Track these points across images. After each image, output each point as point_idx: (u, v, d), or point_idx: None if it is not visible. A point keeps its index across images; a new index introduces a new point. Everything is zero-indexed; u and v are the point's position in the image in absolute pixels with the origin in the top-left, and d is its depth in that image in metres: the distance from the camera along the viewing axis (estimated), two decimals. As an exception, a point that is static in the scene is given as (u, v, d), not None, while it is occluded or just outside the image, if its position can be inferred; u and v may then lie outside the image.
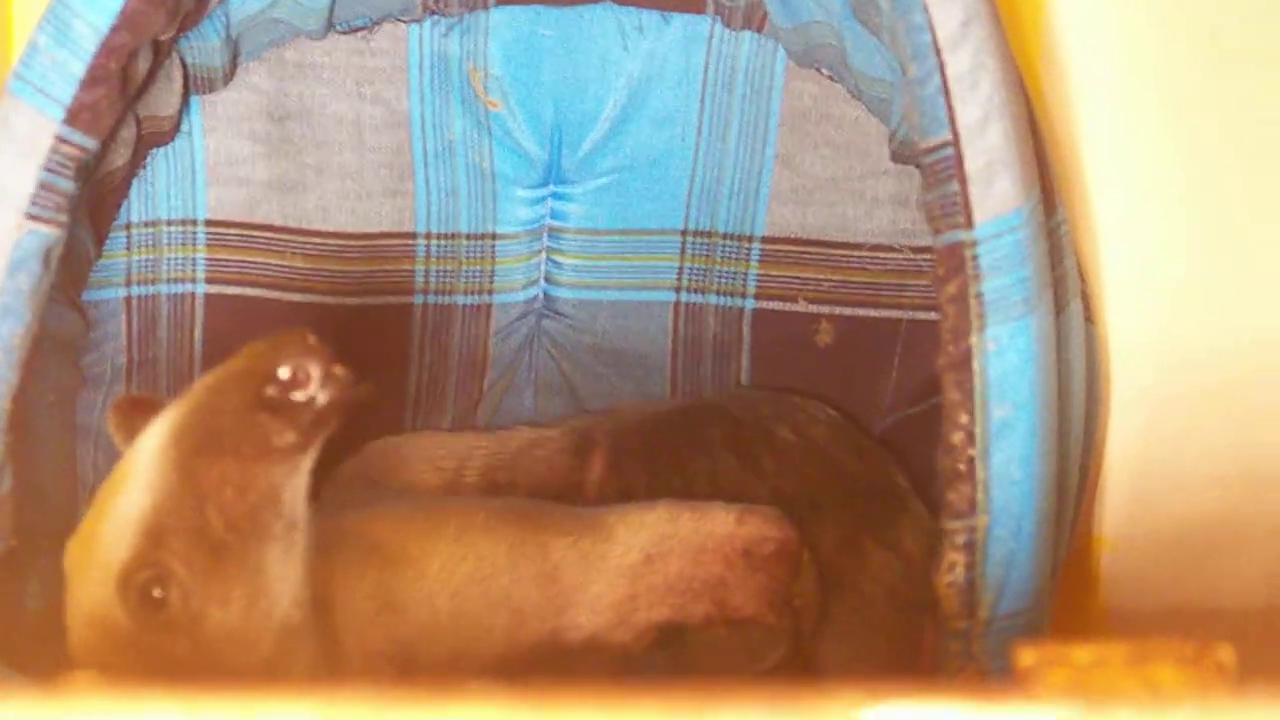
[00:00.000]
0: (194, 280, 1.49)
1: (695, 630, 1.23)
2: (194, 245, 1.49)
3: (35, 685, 1.18)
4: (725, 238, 1.53)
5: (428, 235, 1.53)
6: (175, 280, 1.49)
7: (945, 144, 1.19)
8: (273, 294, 1.50)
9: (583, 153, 1.51)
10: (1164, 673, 0.74)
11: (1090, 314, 1.41)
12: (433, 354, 1.56)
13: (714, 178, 1.51)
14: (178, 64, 1.39)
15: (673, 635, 1.24)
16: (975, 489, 1.18)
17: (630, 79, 1.49)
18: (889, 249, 1.51)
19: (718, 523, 1.24)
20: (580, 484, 1.40)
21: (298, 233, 1.50)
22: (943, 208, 1.20)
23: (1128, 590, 1.53)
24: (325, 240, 1.51)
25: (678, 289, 1.55)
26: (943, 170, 1.19)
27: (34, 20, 1.22)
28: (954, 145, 1.18)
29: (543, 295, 1.56)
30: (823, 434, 1.42)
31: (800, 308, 1.54)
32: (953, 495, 1.19)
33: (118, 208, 1.46)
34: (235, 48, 1.43)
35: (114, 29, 1.21)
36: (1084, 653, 0.75)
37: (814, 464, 1.40)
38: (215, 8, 1.37)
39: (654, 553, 1.23)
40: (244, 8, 1.39)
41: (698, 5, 1.45)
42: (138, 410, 1.20)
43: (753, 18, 1.44)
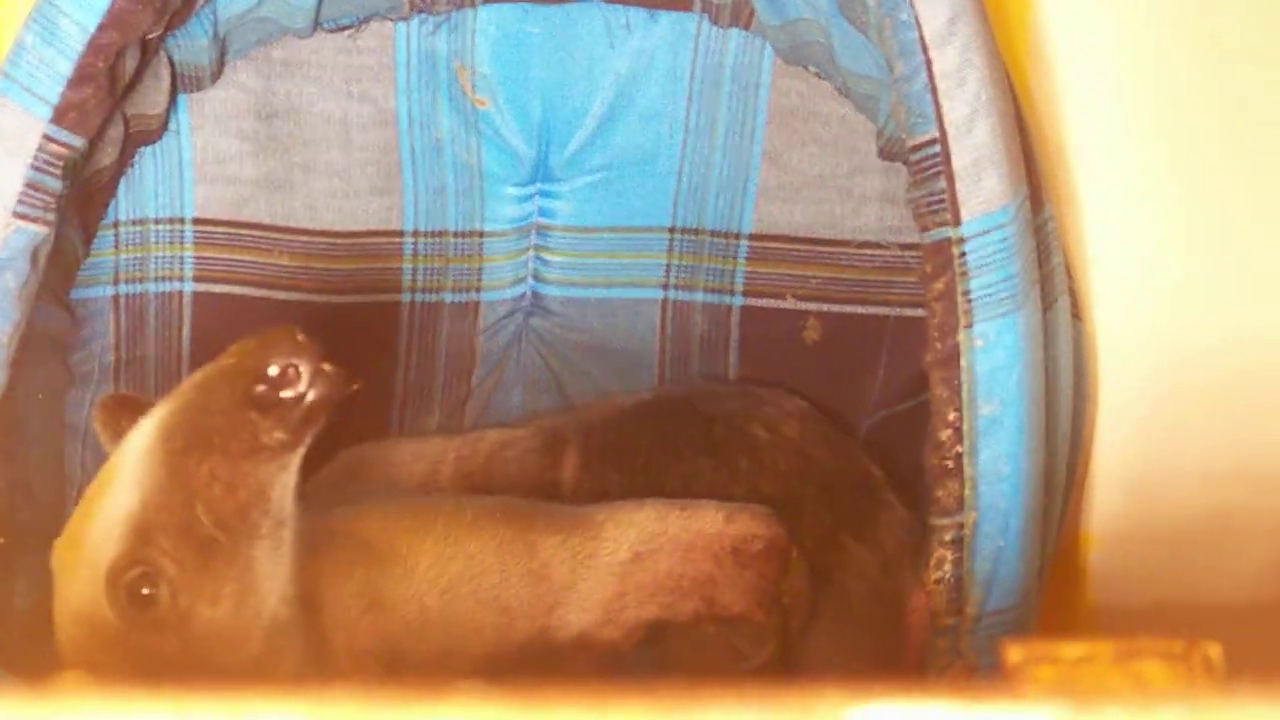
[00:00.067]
0: (182, 278, 1.49)
1: (684, 628, 1.23)
2: (182, 244, 1.49)
3: (23, 684, 1.18)
4: (713, 235, 1.53)
5: (415, 233, 1.53)
6: (163, 279, 1.49)
7: (932, 141, 1.19)
8: (260, 292, 1.50)
9: (570, 150, 1.51)
10: (1152, 670, 0.74)
11: (1078, 311, 1.41)
12: (420, 352, 1.56)
13: (701, 175, 1.51)
14: (165, 62, 1.39)
15: (661, 633, 1.24)
16: (963, 486, 1.19)
17: (618, 76, 1.49)
18: (877, 246, 1.51)
19: (707, 521, 1.24)
20: (554, 483, 1.40)
21: (285, 231, 1.50)
22: (930, 205, 1.20)
23: (1116, 587, 1.53)
24: (313, 238, 1.51)
25: (666, 286, 1.55)
26: (930, 167, 1.19)
27: (20, 19, 1.22)
28: (941, 142, 1.18)
29: (530, 293, 1.55)
30: (795, 429, 1.42)
31: (788, 305, 1.54)
32: (940, 492, 1.20)
33: (105, 206, 1.46)
34: (223, 46, 1.43)
35: (101, 28, 1.22)
36: (1072, 650, 0.75)
37: (789, 461, 1.40)
38: (202, 6, 1.37)
39: (643, 551, 1.23)
40: (231, 6, 1.39)
41: (685, 3, 1.45)
42: (123, 409, 1.20)
43: (740, 15, 1.44)
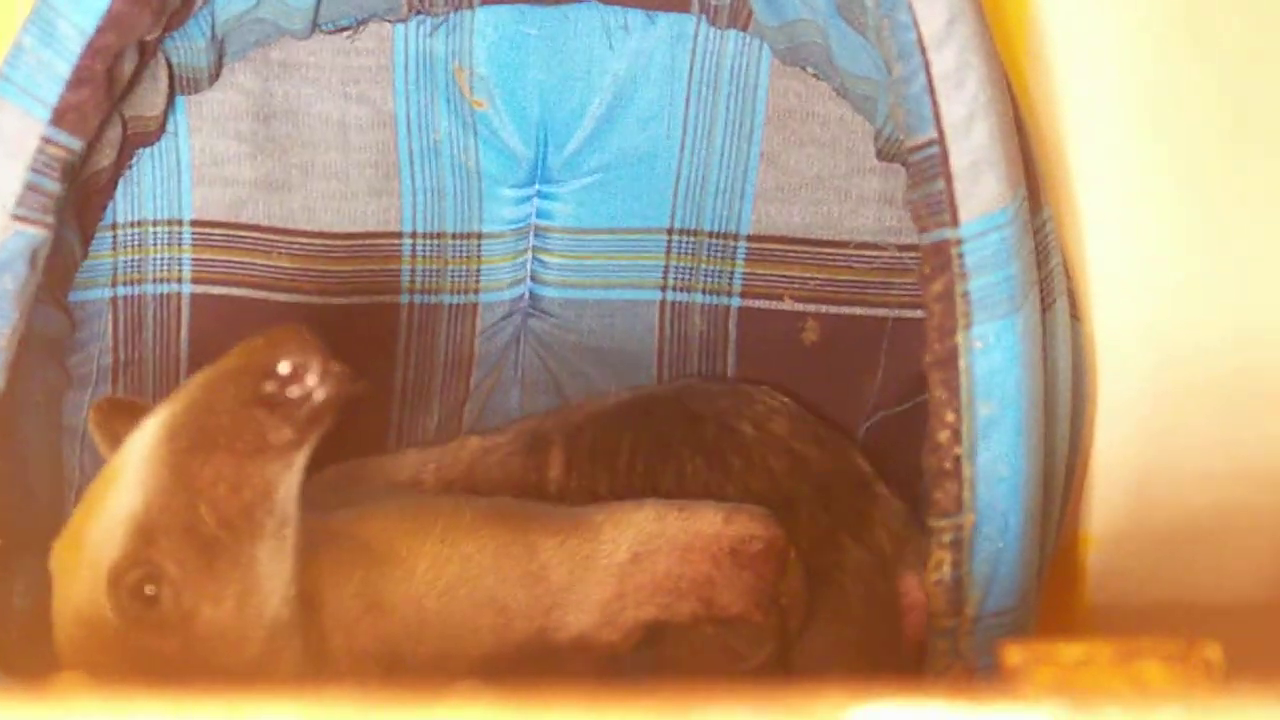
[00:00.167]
0: (180, 280, 1.49)
1: (682, 629, 1.23)
2: (180, 245, 1.49)
3: (21, 685, 1.18)
4: (711, 236, 1.53)
5: (413, 235, 1.53)
6: (161, 280, 1.49)
7: (931, 142, 1.19)
8: (258, 294, 1.50)
9: (568, 152, 1.51)
10: (1151, 670, 0.74)
11: (1077, 311, 1.41)
12: (419, 353, 1.56)
13: (699, 176, 1.51)
14: (163, 64, 1.39)
15: (660, 634, 1.24)
16: (961, 487, 1.18)
17: (616, 78, 1.49)
18: (875, 247, 1.51)
19: (705, 521, 1.24)
20: (540, 483, 1.40)
21: (283, 232, 1.50)
22: (928, 206, 1.20)
23: (1115, 588, 1.53)
24: (311, 240, 1.51)
25: (664, 288, 1.55)
26: (928, 168, 1.19)
27: (19, 20, 1.22)
28: (939, 143, 1.18)
29: (529, 294, 1.55)
30: (783, 426, 1.42)
31: (786, 306, 1.54)
32: (939, 493, 1.19)
33: (103, 208, 1.46)
34: (221, 48, 1.43)
35: (99, 30, 1.21)
36: (1071, 651, 0.75)
37: (780, 460, 1.40)
38: (200, 8, 1.37)
39: (641, 551, 1.23)
40: (229, 8, 1.39)
41: (683, 4, 1.45)
42: (118, 412, 1.20)
43: (738, 16, 1.44)
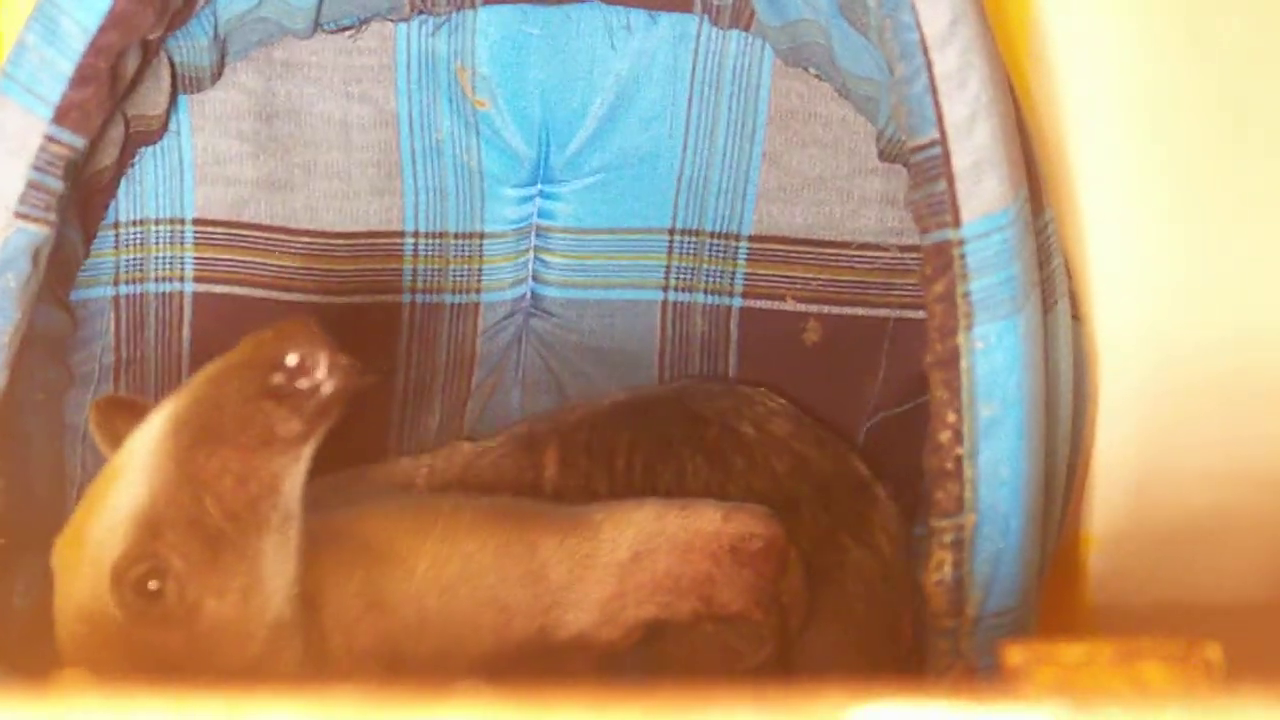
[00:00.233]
0: (182, 279, 1.49)
1: (682, 628, 1.23)
2: (182, 244, 1.49)
3: (23, 683, 1.18)
4: (713, 236, 1.53)
5: (415, 234, 1.53)
6: (163, 279, 1.49)
7: (933, 143, 1.19)
8: (261, 293, 1.50)
9: (570, 152, 1.51)
10: (1152, 671, 0.74)
11: (1078, 312, 1.41)
12: (420, 353, 1.55)
13: (701, 176, 1.51)
14: (166, 63, 1.39)
15: (660, 633, 1.24)
16: (963, 487, 1.18)
17: (618, 78, 1.49)
18: (877, 247, 1.51)
19: (705, 520, 1.24)
20: (536, 482, 1.40)
21: (285, 232, 1.50)
22: (930, 206, 1.20)
23: (1116, 588, 1.53)
24: (313, 239, 1.51)
25: (665, 288, 1.55)
26: (930, 169, 1.19)
27: (21, 19, 1.22)
28: (941, 144, 1.18)
29: (530, 294, 1.55)
30: (783, 427, 1.42)
31: (788, 306, 1.54)
32: (940, 494, 1.19)
33: (106, 207, 1.46)
34: (223, 47, 1.43)
35: (102, 28, 1.21)
36: (1072, 651, 0.75)
37: (781, 460, 1.40)
38: (203, 7, 1.37)
39: (641, 550, 1.23)
40: (231, 7, 1.39)
41: (685, 4, 1.45)
42: (118, 411, 1.20)
43: (740, 16, 1.44)
